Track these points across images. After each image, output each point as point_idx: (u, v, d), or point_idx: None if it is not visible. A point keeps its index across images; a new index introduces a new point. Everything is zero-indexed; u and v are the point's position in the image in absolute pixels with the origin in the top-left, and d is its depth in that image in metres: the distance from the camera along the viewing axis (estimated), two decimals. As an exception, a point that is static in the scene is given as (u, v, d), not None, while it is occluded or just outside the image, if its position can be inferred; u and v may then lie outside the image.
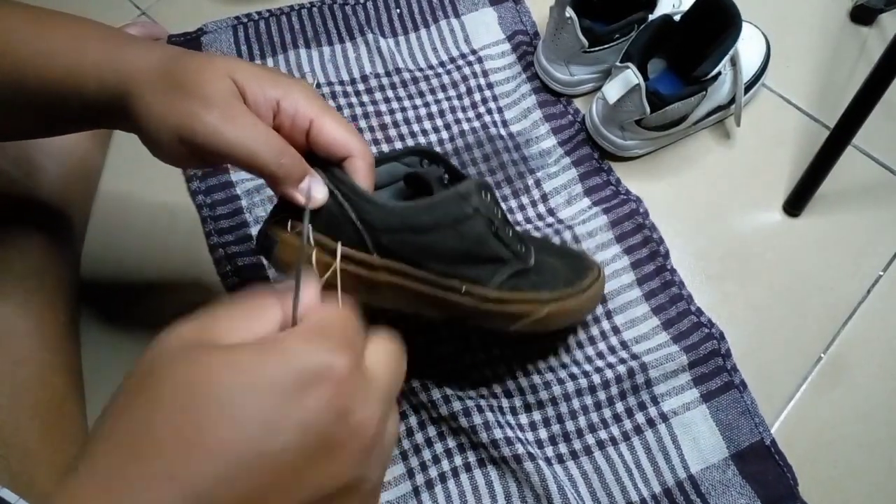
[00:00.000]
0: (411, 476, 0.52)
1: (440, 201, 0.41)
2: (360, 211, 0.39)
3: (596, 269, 0.53)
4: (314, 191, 0.38)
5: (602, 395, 0.55)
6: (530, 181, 0.64)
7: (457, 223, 0.42)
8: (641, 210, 0.62)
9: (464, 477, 0.52)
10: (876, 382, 0.57)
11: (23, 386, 0.46)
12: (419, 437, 0.53)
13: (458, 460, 0.52)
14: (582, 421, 0.54)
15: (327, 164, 0.39)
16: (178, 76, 0.35)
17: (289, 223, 0.39)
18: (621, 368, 0.55)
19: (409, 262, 0.42)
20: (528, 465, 0.51)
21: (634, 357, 0.56)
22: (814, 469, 0.53)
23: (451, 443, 0.53)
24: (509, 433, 0.52)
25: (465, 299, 0.44)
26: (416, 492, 0.52)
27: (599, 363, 0.56)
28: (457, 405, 0.52)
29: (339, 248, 0.39)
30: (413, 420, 0.54)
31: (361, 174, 0.39)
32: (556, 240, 0.60)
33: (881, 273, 0.62)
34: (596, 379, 0.55)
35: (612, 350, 0.57)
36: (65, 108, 0.38)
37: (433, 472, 0.52)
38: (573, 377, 0.55)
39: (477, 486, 0.52)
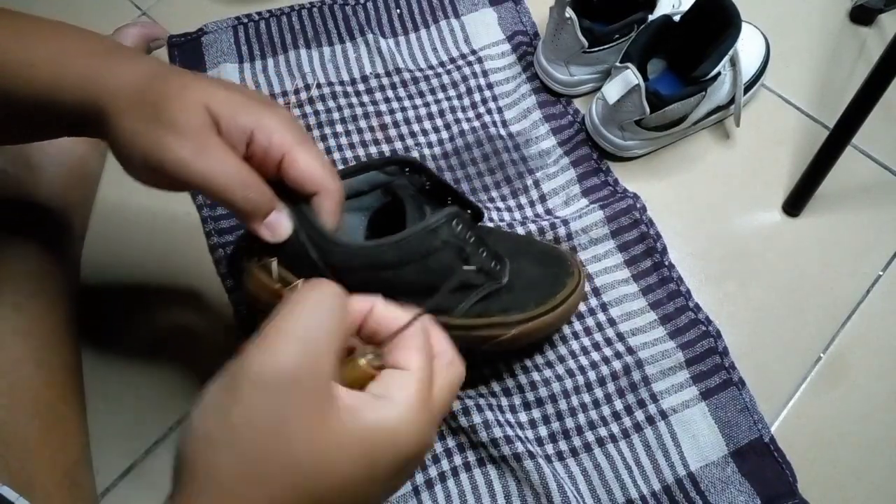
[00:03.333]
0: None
1: (407, 238, 0.41)
2: (321, 252, 0.39)
3: (576, 275, 0.53)
4: (279, 226, 0.38)
5: (600, 393, 0.55)
6: (529, 181, 0.64)
7: (424, 258, 0.42)
8: (638, 206, 0.62)
9: (463, 476, 0.52)
10: (875, 382, 0.57)
11: (22, 386, 0.46)
12: (419, 437, 0.53)
13: (457, 460, 0.52)
14: (581, 418, 0.54)
15: (297, 196, 0.38)
16: (153, 102, 0.35)
17: (256, 254, 0.39)
18: (617, 364, 0.55)
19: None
20: (528, 464, 0.51)
21: (630, 351, 0.56)
22: (813, 469, 0.53)
23: (451, 442, 0.53)
24: (509, 431, 0.52)
25: None
26: (415, 491, 0.52)
27: (596, 356, 0.56)
28: (455, 405, 0.52)
29: (301, 285, 0.39)
30: (413, 420, 0.54)
31: (327, 212, 0.38)
32: (549, 235, 0.60)
33: (881, 273, 0.62)
34: (593, 375, 0.55)
35: (609, 342, 0.57)
36: (45, 118, 0.38)
37: (433, 472, 0.52)
38: (571, 374, 0.55)
39: (477, 485, 0.52)
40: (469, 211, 0.49)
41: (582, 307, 0.58)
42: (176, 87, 0.35)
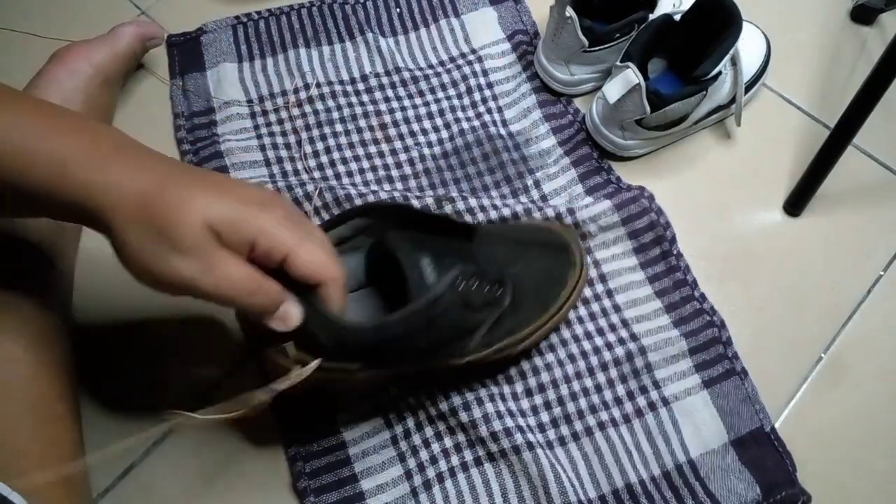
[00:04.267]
0: (409, 477, 0.52)
1: (411, 314, 0.43)
2: (331, 336, 0.41)
3: (577, 263, 0.54)
4: (288, 317, 0.40)
5: (602, 378, 0.55)
6: (529, 181, 0.64)
7: (430, 324, 0.44)
8: (647, 194, 0.61)
9: (461, 476, 0.52)
10: (876, 382, 0.57)
11: (14, 384, 0.46)
12: (416, 439, 0.53)
13: (454, 460, 0.52)
14: (583, 402, 0.54)
15: (303, 286, 0.40)
16: (155, 219, 0.36)
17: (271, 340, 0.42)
18: (620, 350, 0.56)
19: (387, 363, 0.45)
20: (527, 455, 0.51)
21: (634, 338, 0.56)
22: (815, 468, 0.53)
23: (448, 443, 0.53)
24: (509, 423, 0.52)
25: (445, 368, 0.47)
26: (414, 493, 0.52)
27: (599, 341, 0.56)
28: (456, 399, 0.52)
29: (315, 364, 0.42)
30: (410, 422, 0.54)
31: (332, 301, 0.41)
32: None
33: (882, 273, 0.62)
34: (595, 361, 0.55)
35: (613, 328, 0.57)
36: (43, 210, 0.39)
37: (430, 473, 0.52)
38: (573, 358, 0.56)
39: (474, 484, 0.52)
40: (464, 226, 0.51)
41: (588, 292, 0.59)
42: (175, 206, 0.36)
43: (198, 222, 0.36)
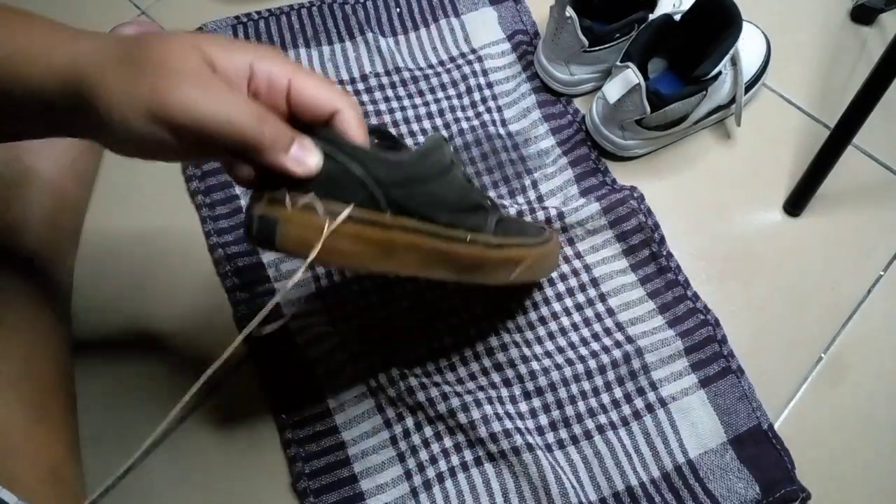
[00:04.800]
0: (409, 477, 0.52)
1: (427, 150, 0.40)
2: (367, 167, 0.36)
3: (548, 230, 0.54)
4: (308, 155, 0.34)
5: (600, 381, 0.55)
6: (527, 181, 0.64)
7: (445, 172, 0.41)
8: (636, 195, 0.61)
9: (461, 476, 0.52)
10: (876, 382, 0.57)
11: (7, 382, 0.46)
12: (416, 439, 0.53)
13: (454, 460, 0.52)
14: (581, 406, 0.54)
15: (312, 126, 0.36)
16: (140, 54, 0.32)
17: (287, 198, 0.35)
18: (617, 353, 0.56)
19: (418, 216, 0.40)
20: (527, 457, 0.51)
21: (630, 340, 0.57)
22: (815, 468, 0.53)
23: (448, 443, 0.53)
24: (508, 424, 0.52)
25: (471, 248, 0.43)
26: (413, 493, 0.52)
27: (595, 346, 0.57)
28: (455, 401, 0.52)
29: (350, 210, 0.36)
30: (410, 422, 0.54)
31: (354, 128, 0.36)
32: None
33: (881, 273, 0.62)
34: (593, 364, 0.55)
35: (608, 332, 0.57)
36: (9, 104, 0.34)
37: (430, 473, 0.52)
38: (570, 362, 0.56)
39: (474, 484, 0.52)
40: None
41: (580, 297, 0.59)
42: (160, 37, 0.33)
43: (188, 47, 0.33)
